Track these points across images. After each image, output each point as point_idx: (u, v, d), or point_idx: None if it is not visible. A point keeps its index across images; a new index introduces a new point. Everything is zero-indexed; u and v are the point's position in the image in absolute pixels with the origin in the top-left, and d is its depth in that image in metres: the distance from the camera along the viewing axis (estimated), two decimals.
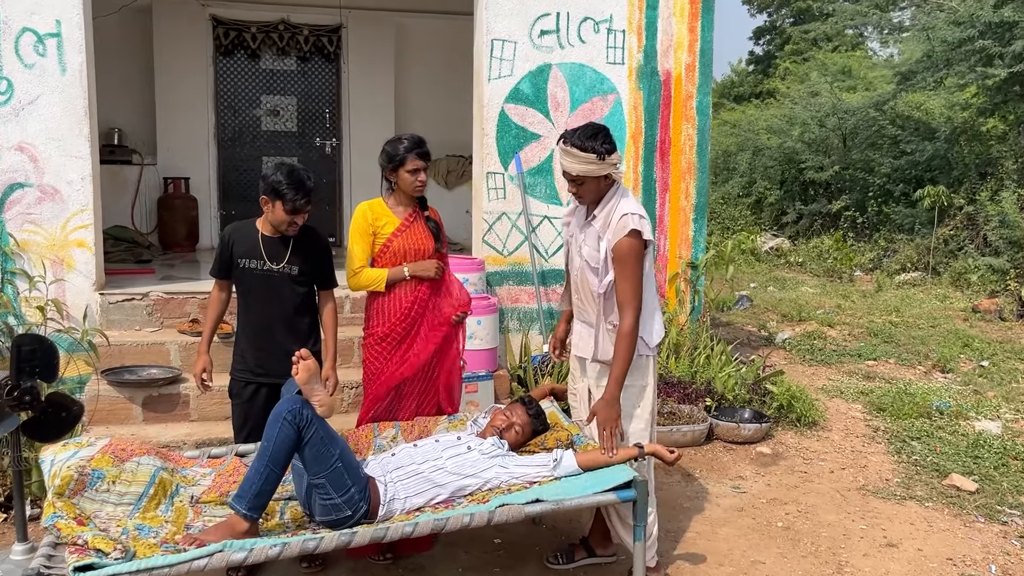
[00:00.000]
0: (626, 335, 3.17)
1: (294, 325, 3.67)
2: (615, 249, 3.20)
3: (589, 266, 3.33)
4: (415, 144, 3.67)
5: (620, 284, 3.20)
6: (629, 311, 3.18)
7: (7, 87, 4.84)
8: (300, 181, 3.47)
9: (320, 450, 2.98)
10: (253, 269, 3.62)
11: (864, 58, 21.61)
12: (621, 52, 5.77)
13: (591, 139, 3.20)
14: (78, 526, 2.74)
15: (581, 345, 3.50)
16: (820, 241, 14.31)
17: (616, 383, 3.19)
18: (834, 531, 4.00)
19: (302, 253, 3.65)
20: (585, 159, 3.19)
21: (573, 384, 3.67)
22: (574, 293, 3.53)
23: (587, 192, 3.28)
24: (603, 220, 3.27)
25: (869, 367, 7.13)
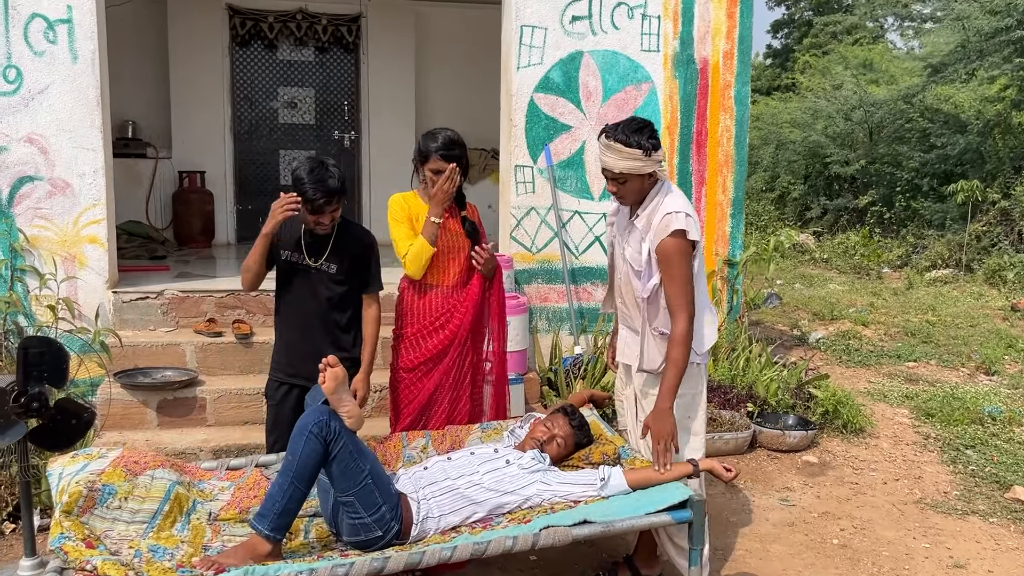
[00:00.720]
0: (679, 342, 2.92)
1: (331, 326, 3.42)
2: (658, 250, 2.96)
3: (632, 269, 3.09)
4: (444, 145, 3.40)
5: (669, 287, 2.96)
6: (681, 316, 2.92)
7: (16, 75, 4.63)
8: (322, 179, 3.19)
9: (349, 465, 2.74)
10: (294, 263, 3.39)
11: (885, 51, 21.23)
12: (656, 39, 5.49)
13: (636, 133, 2.93)
14: (87, 549, 2.51)
15: (626, 352, 3.26)
16: (846, 237, 13.98)
17: (669, 393, 2.93)
18: (895, 550, 3.73)
19: (342, 252, 3.39)
20: (630, 155, 2.92)
21: (620, 390, 3.43)
22: (617, 297, 3.29)
23: (629, 192, 3.02)
24: (645, 220, 3.02)
25: (910, 369, 6.84)
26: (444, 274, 3.53)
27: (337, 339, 3.45)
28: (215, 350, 4.75)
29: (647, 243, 3.00)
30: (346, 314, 3.47)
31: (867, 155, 14.56)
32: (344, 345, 3.46)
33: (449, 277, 3.54)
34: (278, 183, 8.33)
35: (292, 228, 3.39)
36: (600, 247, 5.53)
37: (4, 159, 4.65)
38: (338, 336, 3.45)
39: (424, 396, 3.53)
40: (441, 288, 3.53)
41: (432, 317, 3.52)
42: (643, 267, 3.03)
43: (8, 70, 4.61)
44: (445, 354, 3.52)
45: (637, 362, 3.15)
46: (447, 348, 3.51)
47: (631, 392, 3.28)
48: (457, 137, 3.45)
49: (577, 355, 5.32)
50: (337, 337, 3.45)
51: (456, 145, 3.42)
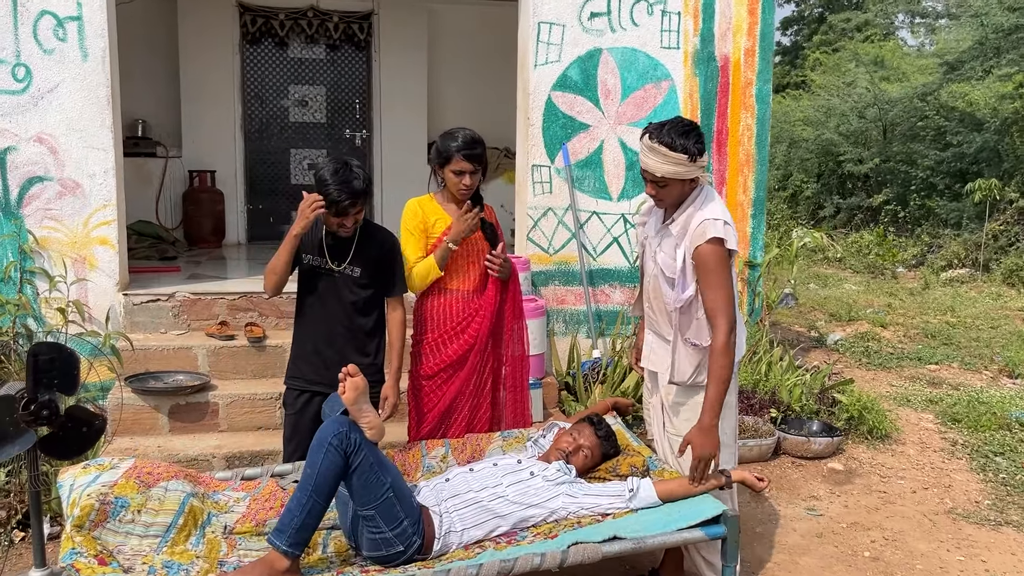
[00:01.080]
0: (722, 352, 2.79)
1: (355, 332, 3.32)
2: (695, 256, 2.85)
3: (664, 276, 2.97)
4: (466, 144, 3.29)
5: (709, 294, 2.84)
6: (723, 324, 2.80)
7: (25, 74, 4.54)
8: (346, 180, 3.07)
9: (370, 479, 2.64)
10: (316, 267, 3.28)
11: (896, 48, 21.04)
12: (676, 36, 5.38)
13: (683, 136, 2.81)
14: (99, 566, 2.42)
15: (653, 359, 3.16)
16: (860, 236, 13.83)
17: (713, 409, 2.79)
18: (929, 563, 3.61)
19: (365, 255, 3.29)
20: (675, 160, 2.80)
21: (647, 399, 3.32)
22: (646, 302, 3.18)
23: (669, 196, 2.91)
24: (682, 225, 2.91)
25: (932, 371, 6.71)
26: (464, 279, 3.44)
27: (361, 345, 3.35)
28: (227, 354, 4.66)
29: (682, 248, 2.89)
30: (370, 318, 3.37)
31: (881, 153, 14.40)
32: (368, 351, 3.36)
33: (469, 281, 3.45)
34: (289, 182, 8.25)
35: (313, 231, 3.28)
36: (619, 248, 5.43)
37: (13, 159, 4.57)
38: (362, 341, 3.35)
39: (445, 403, 3.44)
40: (461, 292, 3.44)
41: (453, 323, 3.42)
42: (677, 275, 2.91)
43: (17, 68, 4.53)
44: (465, 360, 3.43)
45: (667, 372, 3.04)
46: (467, 354, 3.42)
47: (657, 401, 3.17)
48: (477, 136, 3.35)
49: (596, 359, 5.21)
50: (361, 343, 3.35)
51: (478, 144, 3.32)
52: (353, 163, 3.14)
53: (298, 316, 3.40)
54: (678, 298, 2.91)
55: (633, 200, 5.40)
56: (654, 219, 3.10)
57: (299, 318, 3.40)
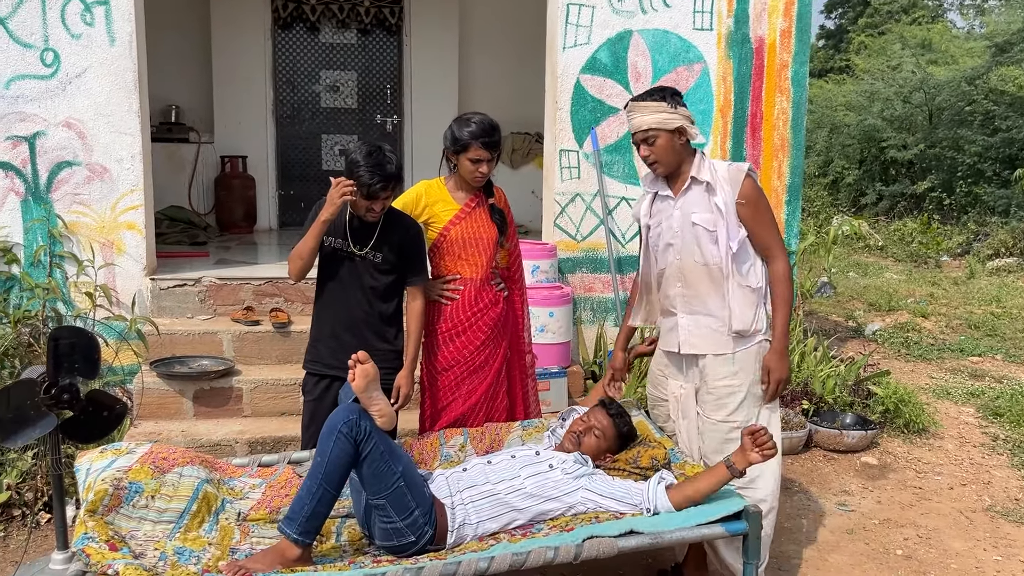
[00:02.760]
0: (784, 278, 2.92)
1: (375, 317, 3.27)
2: (743, 196, 2.90)
3: (707, 232, 2.91)
4: (483, 131, 3.21)
5: (763, 230, 2.93)
6: (781, 254, 2.93)
7: (53, 59, 4.56)
8: (379, 164, 3.03)
9: (380, 467, 2.60)
10: (338, 250, 3.25)
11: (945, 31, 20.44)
12: (709, 17, 5.23)
13: (659, 91, 2.95)
14: (110, 552, 2.41)
15: (694, 341, 3.03)
16: (903, 224, 13.49)
17: (786, 333, 2.92)
18: (964, 562, 3.48)
19: (389, 241, 3.23)
20: (655, 107, 2.88)
21: (660, 389, 3.24)
22: (672, 286, 3.06)
23: (660, 151, 2.92)
24: (709, 176, 2.91)
25: (974, 364, 6.51)
26: (474, 267, 3.37)
27: (381, 330, 3.30)
28: (252, 339, 4.66)
29: (720, 196, 2.89)
30: (390, 304, 3.32)
31: (926, 139, 14.01)
32: (387, 336, 3.32)
33: (479, 269, 3.37)
34: (320, 168, 8.24)
35: (337, 216, 3.23)
36: None
37: (42, 144, 4.60)
38: (382, 327, 3.31)
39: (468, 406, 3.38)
40: (474, 282, 3.37)
41: (466, 314, 3.36)
42: (724, 221, 2.89)
43: (46, 53, 4.55)
44: (482, 354, 3.37)
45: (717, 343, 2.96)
46: (482, 347, 3.36)
47: (690, 389, 3.08)
48: (493, 121, 3.27)
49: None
50: (381, 328, 3.30)
51: (495, 131, 3.24)
52: (386, 147, 3.11)
53: (318, 299, 3.37)
54: (729, 245, 2.88)
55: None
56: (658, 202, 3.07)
57: (319, 301, 3.36)
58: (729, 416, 2.99)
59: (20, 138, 4.56)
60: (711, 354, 2.99)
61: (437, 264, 3.43)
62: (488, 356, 3.40)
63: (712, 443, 3.04)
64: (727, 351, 2.97)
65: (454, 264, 3.36)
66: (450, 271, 3.38)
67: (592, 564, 3.34)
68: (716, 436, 3.02)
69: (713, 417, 3.02)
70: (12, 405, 2.95)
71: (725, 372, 2.98)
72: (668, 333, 3.14)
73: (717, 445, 3.02)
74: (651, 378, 3.33)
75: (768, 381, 2.94)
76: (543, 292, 4.77)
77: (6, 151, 4.56)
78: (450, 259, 3.36)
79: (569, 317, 5.01)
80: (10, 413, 2.95)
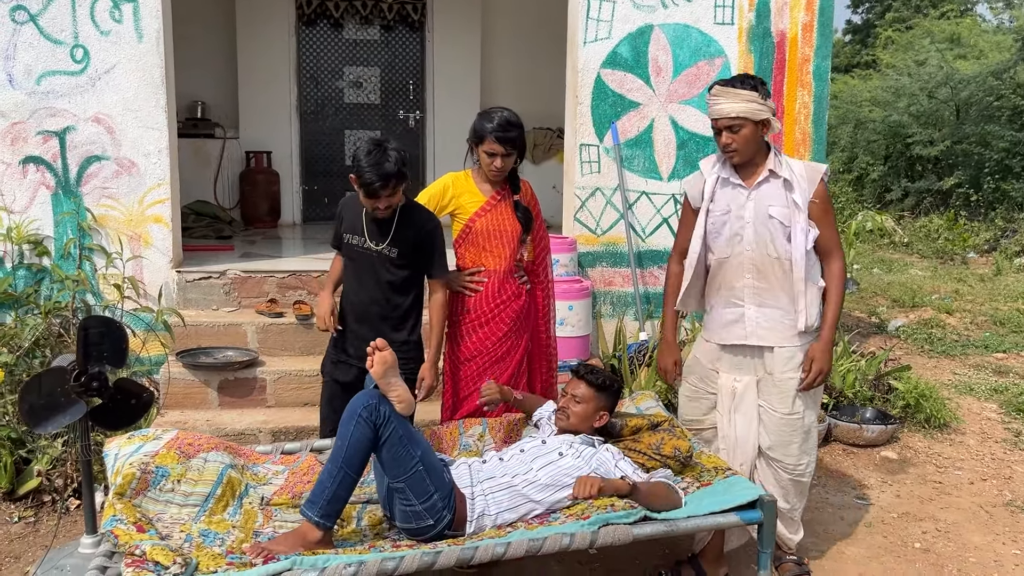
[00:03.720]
0: (841, 277, 3.00)
1: (390, 310, 3.32)
2: (818, 196, 2.95)
3: (783, 226, 2.93)
4: (499, 126, 3.24)
5: (828, 231, 2.99)
6: (840, 254, 3.01)
7: (83, 55, 4.65)
8: (378, 163, 3.01)
9: (399, 451, 2.65)
10: (355, 246, 3.31)
11: (974, 25, 20.17)
12: (730, 11, 5.23)
13: (750, 79, 2.91)
14: (137, 533, 2.47)
15: (761, 333, 3.03)
16: (929, 220, 13.35)
17: (834, 327, 3.02)
18: (983, 556, 3.47)
19: (403, 236, 3.27)
20: (746, 96, 2.85)
21: (708, 383, 3.20)
22: (740, 277, 3.03)
23: (743, 141, 2.90)
24: (787, 172, 2.94)
25: (999, 360, 6.45)
26: (497, 259, 3.41)
27: (397, 323, 3.35)
28: (276, 331, 4.74)
29: (798, 193, 2.92)
30: (407, 297, 3.36)
31: (953, 135, 13.84)
32: (403, 328, 3.37)
33: (502, 262, 3.42)
34: (343, 163, 8.31)
35: (354, 210, 3.31)
36: (669, 229, 5.33)
37: (72, 138, 4.69)
38: (398, 320, 3.35)
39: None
40: (497, 274, 3.42)
41: (489, 305, 3.41)
42: (793, 222, 2.92)
43: (76, 49, 4.64)
44: (504, 346, 3.41)
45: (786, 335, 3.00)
46: (504, 338, 3.40)
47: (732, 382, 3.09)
48: (514, 118, 3.30)
49: (643, 341, 5.14)
50: (397, 321, 3.35)
51: (512, 126, 3.27)
52: (389, 145, 3.08)
53: (343, 291, 3.45)
54: (803, 242, 2.91)
55: (684, 180, 5.28)
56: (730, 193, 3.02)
57: (343, 293, 3.45)
58: (794, 409, 3.03)
59: (51, 133, 4.67)
60: (777, 346, 3.01)
61: (462, 255, 3.48)
62: (510, 348, 3.44)
63: (777, 436, 3.06)
64: (794, 344, 3.01)
65: (478, 255, 3.42)
66: (474, 263, 3.43)
67: (609, 552, 3.40)
68: (781, 429, 3.05)
69: (779, 410, 3.04)
70: (43, 392, 3.03)
71: (792, 364, 3.01)
72: (730, 325, 3.10)
73: (783, 438, 3.05)
74: (696, 371, 3.26)
75: (809, 370, 2.99)
76: (563, 286, 4.81)
77: (37, 146, 4.66)
78: (474, 250, 3.42)
79: (589, 311, 5.04)
80: (41, 400, 3.04)
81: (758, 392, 3.08)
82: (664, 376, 3.35)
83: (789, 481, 3.12)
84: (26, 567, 3.35)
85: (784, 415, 3.04)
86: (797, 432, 3.04)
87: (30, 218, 4.69)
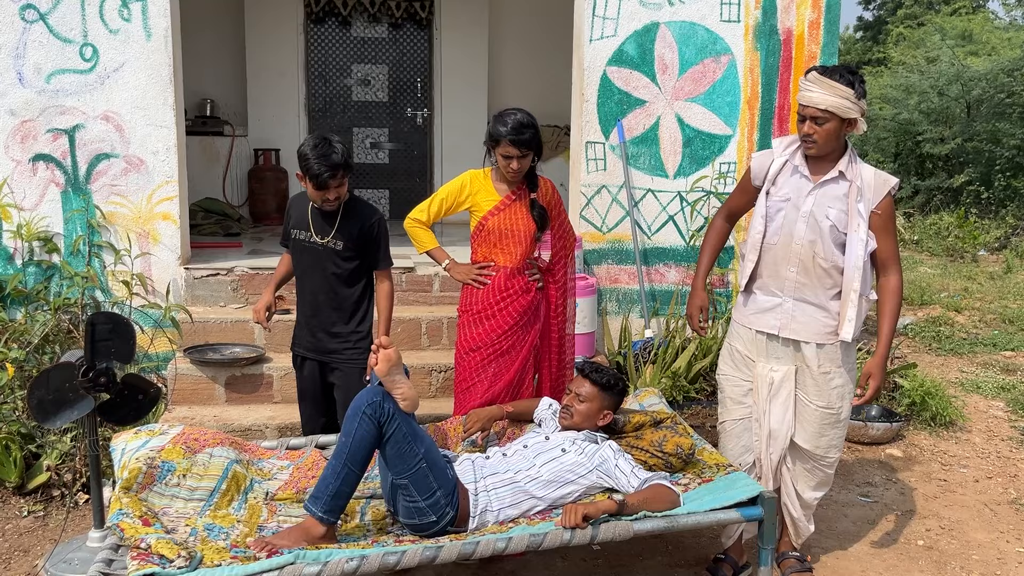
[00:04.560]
0: (898, 292, 2.98)
1: (340, 302, 3.46)
2: (882, 207, 2.90)
3: (837, 231, 2.88)
4: (513, 129, 3.26)
5: (887, 244, 2.93)
6: (898, 269, 2.97)
7: (92, 53, 4.69)
8: (325, 155, 3.18)
9: (403, 448, 2.68)
10: (302, 241, 3.45)
11: (986, 21, 20.05)
12: (737, 8, 5.23)
13: (851, 74, 2.81)
14: (143, 527, 2.50)
15: (796, 327, 3.00)
16: (939, 218, 13.29)
17: (889, 342, 3.01)
18: (986, 553, 3.47)
19: (349, 229, 3.40)
20: (841, 91, 2.78)
21: (743, 370, 3.15)
22: (785, 268, 2.99)
23: (824, 135, 2.83)
24: (858, 178, 2.86)
25: (1007, 358, 6.43)
26: (508, 255, 3.44)
27: (345, 314, 3.47)
28: (282, 327, 4.74)
29: (863, 203, 2.86)
30: (355, 289, 3.48)
31: (963, 132, 13.78)
32: (352, 319, 3.48)
33: (514, 258, 3.45)
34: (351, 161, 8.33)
35: (301, 207, 3.45)
36: (675, 227, 5.34)
37: (82, 136, 4.73)
38: (347, 311, 3.47)
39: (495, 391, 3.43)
40: (505, 269, 3.44)
41: (495, 298, 3.43)
42: (850, 229, 2.86)
43: (85, 48, 4.68)
44: (508, 340, 3.43)
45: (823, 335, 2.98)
46: (509, 332, 3.42)
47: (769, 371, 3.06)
48: (527, 119, 3.32)
49: (648, 339, 5.15)
50: (346, 312, 3.47)
51: (527, 128, 3.29)
52: (333, 139, 3.26)
53: (296, 287, 3.58)
54: (861, 252, 2.85)
55: (690, 178, 5.30)
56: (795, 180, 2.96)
57: (297, 289, 3.58)
58: (831, 403, 3.03)
59: (60, 131, 4.71)
60: (815, 342, 2.99)
61: (475, 250, 3.54)
62: (515, 342, 3.46)
63: (811, 427, 3.06)
64: (830, 342, 2.98)
65: (490, 251, 3.46)
66: (486, 258, 3.48)
67: (613, 548, 3.41)
68: (815, 421, 3.05)
69: (815, 402, 3.04)
70: (52, 387, 3.08)
71: (827, 360, 3.00)
72: (765, 313, 3.07)
73: (816, 429, 3.05)
74: (731, 357, 3.22)
75: (866, 386, 3.01)
76: None
77: (47, 143, 4.70)
78: (487, 247, 3.46)
79: (594, 308, 5.05)
80: (50, 395, 3.08)
81: (796, 382, 3.06)
82: (689, 321, 3.34)
83: (817, 469, 3.13)
84: (35, 560, 3.39)
85: (820, 407, 3.03)
86: (830, 426, 3.06)
87: (40, 215, 4.74)
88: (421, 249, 3.59)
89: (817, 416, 3.05)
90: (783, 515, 3.24)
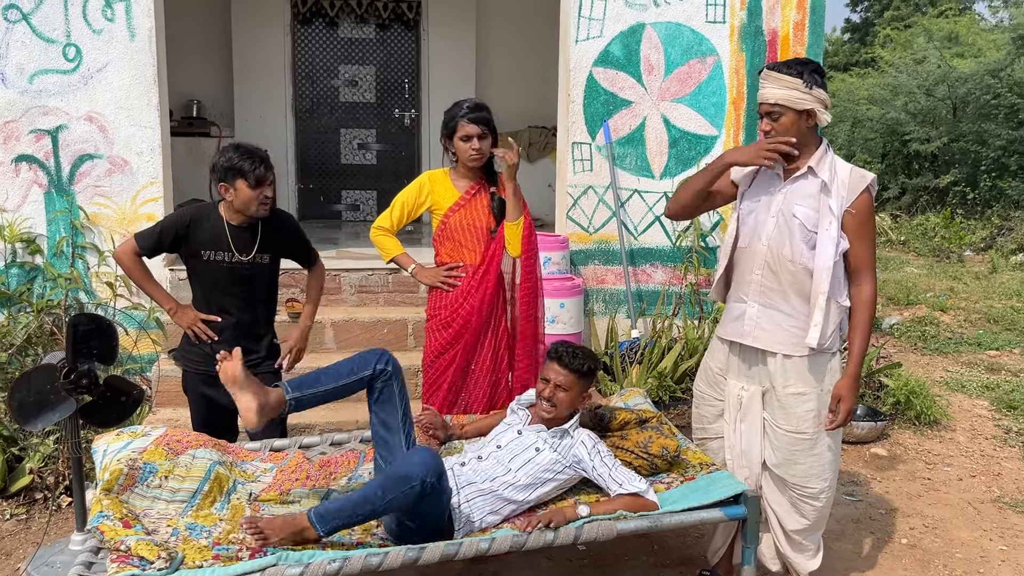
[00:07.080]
0: (870, 304, 2.76)
1: (259, 316, 3.40)
2: (857, 206, 2.71)
3: (806, 229, 2.73)
4: (471, 108, 3.28)
5: (861, 249, 2.74)
6: (871, 277, 2.76)
7: (76, 54, 4.67)
8: (251, 152, 3.12)
9: (435, 509, 2.59)
10: (220, 262, 3.25)
11: (972, 23, 20.19)
12: (722, 9, 5.24)
13: (798, 64, 2.71)
14: (123, 528, 2.48)
15: (759, 335, 2.85)
16: (925, 218, 13.37)
17: (860, 360, 2.79)
18: (969, 551, 3.49)
19: (272, 239, 3.31)
20: (788, 83, 2.66)
21: (716, 389, 3.05)
22: (750, 271, 2.86)
23: (782, 129, 2.70)
24: (828, 174, 2.71)
25: (991, 358, 6.47)
26: (474, 253, 3.43)
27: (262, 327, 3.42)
28: None
29: (835, 199, 2.69)
30: (270, 299, 3.46)
31: (950, 132, 13.86)
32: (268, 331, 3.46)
33: (475, 256, 3.43)
34: (339, 162, 8.33)
35: (212, 226, 3.25)
36: (661, 227, 5.35)
37: (65, 137, 4.71)
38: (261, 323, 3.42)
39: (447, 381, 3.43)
40: (472, 267, 3.43)
41: (460, 299, 3.42)
42: (820, 228, 2.71)
43: (68, 48, 4.65)
44: (461, 337, 3.42)
45: (789, 345, 2.78)
46: (464, 330, 3.41)
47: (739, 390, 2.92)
48: (483, 103, 3.35)
49: (634, 339, 5.16)
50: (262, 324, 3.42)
51: (484, 109, 3.32)
52: (245, 143, 3.21)
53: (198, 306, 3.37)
54: (838, 252, 2.70)
55: (676, 178, 5.31)
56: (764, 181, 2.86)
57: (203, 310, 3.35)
58: (799, 428, 2.84)
59: (43, 131, 4.68)
60: (781, 355, 2.82)
61: (438, 251, 3.50)
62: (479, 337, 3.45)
63: (783, 453, 2.88)
64: (798, 353, 2.79)
65: (455, 250, 3.43)
66: (451, 258, 3.45)
67: (599, 549, 3.41)
68: (787, 447, 2.87)
69: (782, 426, 2.87)
70: (33, 389, 3.05)
71: (794, 377, 2.81)
72: (733, 322, 2.95)
73: (786, 456, 2.87)
74: (705, 375, 3.12)
75: (836, 410, 2.79)
76: (554, 283, 4.82)
77: (30, 144, 4.68)
78: (451, 245, 3.43)
79: (580, 308, 5.06)
80: (31, 397, 3.06)
81: (763, 404, 2.91)
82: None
83: (798, 501, 2.92)
84: (17, 564, 3.37)
85: (788, 432, 2.85)
86: (804, 452, 2.84)
87: (23, 216, 4.71)
88: (387, 256, 3.51)
89: (786, 441, 2.86)
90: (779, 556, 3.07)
